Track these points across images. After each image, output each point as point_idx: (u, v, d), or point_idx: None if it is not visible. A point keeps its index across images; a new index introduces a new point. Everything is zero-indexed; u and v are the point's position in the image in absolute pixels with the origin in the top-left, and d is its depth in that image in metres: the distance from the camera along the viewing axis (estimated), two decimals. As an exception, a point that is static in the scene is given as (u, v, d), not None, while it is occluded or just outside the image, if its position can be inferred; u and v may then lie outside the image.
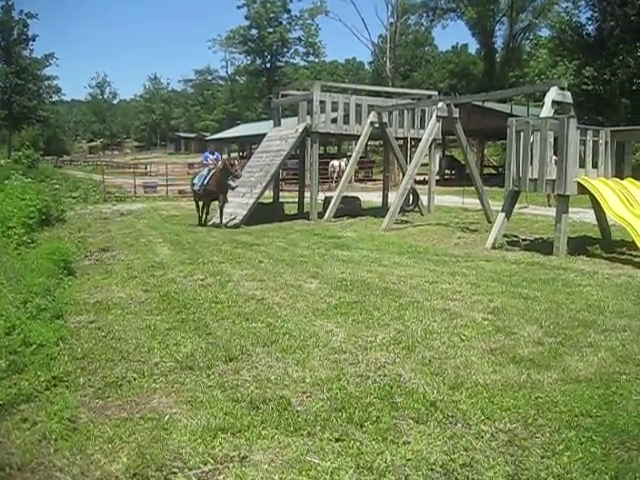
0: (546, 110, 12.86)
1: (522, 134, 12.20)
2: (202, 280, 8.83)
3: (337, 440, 3.90)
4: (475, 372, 5.05)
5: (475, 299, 7.58)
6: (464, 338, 5.96)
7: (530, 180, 12.12)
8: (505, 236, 13.03)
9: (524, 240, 13.05)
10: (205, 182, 17.14)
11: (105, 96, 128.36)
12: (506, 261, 10.72)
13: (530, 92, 20.25)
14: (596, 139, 12.69)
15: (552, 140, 11.97)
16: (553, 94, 12.97)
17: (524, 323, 6.50)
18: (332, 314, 6.90)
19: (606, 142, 12.90)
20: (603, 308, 7.22)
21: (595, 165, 12.74)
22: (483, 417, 4.21)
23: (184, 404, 4.48)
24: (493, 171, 43.09)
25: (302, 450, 3.79)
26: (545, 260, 10.86)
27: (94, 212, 21.40)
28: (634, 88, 32.14)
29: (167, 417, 4.24)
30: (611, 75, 32.10)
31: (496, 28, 67.96)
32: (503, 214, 12.62)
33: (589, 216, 14.61)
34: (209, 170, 17.42)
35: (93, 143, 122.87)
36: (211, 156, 18.40)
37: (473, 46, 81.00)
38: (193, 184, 17.93)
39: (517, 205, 13.78)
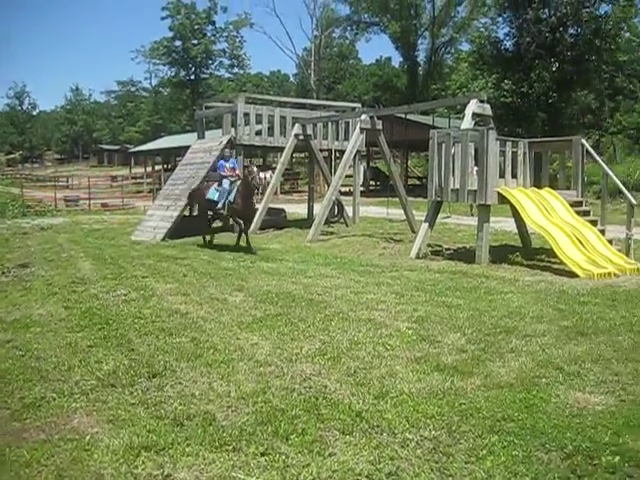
0: (467, 122, 13.16)
1: (444, 146, 12.45)
2: (125, 295, 8.66)
3: (263, 454, 3.86)
4: (400, 381, 5.08)
5: (400, 309, 7.66)
6: (389, 348, 6.00)
7: (452, 190, 12.37)
8: (429, 246, 13.23)
9: (447, 249, 13.29)
10: (232, 198, 14.34)
11: (24, 107, 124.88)
12: (430, 270, 10.88)
13: (451, 104, 20.77)
14: (515, 150, 13.04)
15: (473, 151, 12.24)
16: (473, 106, 13.28)
17: (447, 331, 6.59)
18: (257, 327, 6.86)
19: (524, 153, 13.28)
20: (524, 314, 7.40)
21: (515, 175, 13.09)
22: (408, 425, 4.24)
23: (106, 423, 4.36)
24: (417, 182, 43.72)
25: (227, 466, 3.73)
26: (468, 268, 11.07)
27: (12, 227, 20.75)
28: (550, 101, 33.27)
29: (88, 437, 4.11)
30: (529, 89, 33.13)
31: (419, 42, 69.25)
32: (426, 224, 12.83)
33: (510, 225, 14.95)
34: (231, 182, 14.67)
35: (11, 155, 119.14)
36: (226, 164, 15.45)
37: (397, 59, 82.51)
38: (210, 201, 14.97)
39: (440, 215, 14.02)
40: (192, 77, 79.74)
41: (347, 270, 11.02)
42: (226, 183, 14.70)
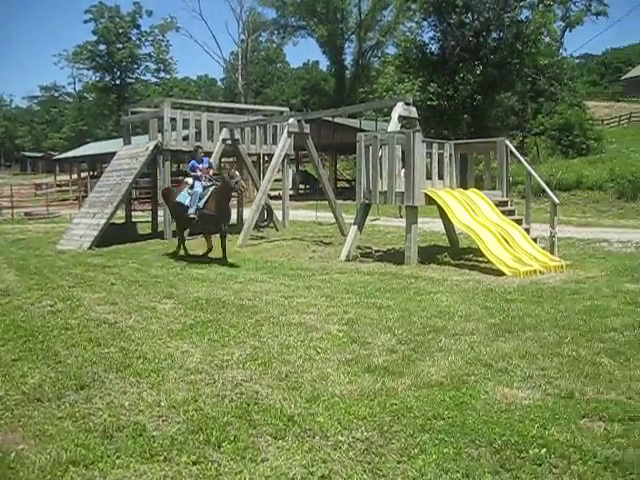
0: (393, 125, 13.32)
1: (371, 148, 12.57)
2: (51, 306, 8.44)
3: (194, 463, 3.81)
4: (331, 384, 5.09)
5: (330, 311, 7.69)
6: (320, 351, 6.01)
7: (380, 193, 12.49)
8: (359, 248, 13.32)
9: (377, 251, 13.41)
10: (202, 204, 13.07)
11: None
12: (360, 272, 10.96)
13: (378, 107, 20.92)
14: (441, 152, 13.25)
15: (400, 153, 12.39)
16: (399, 109, 13.45)
17: (378, 332, 6.64)
18: (187, 334, 6.78)
19: (450, 155, 13.51)
20: (453, 313, 7.52)
21: (441, 177, 13.30)
22: (340, 428, 4.24)
23: (32, 439, 4.22)
24: (347, 185, 43.99)
25: (159, 476, 3.67)
26: (397, 270, 11.19)
27: None
28: (475, 104, 33.98)
29: (13, 454, 3.97)
30: (454, 91, 33.77)
31: (346, 46, 69.93)
32: (355, 227, 12.92)
33: (438, 225, 15.18)
34: (204, 187, 13.41)
35: None
36: (200, 165, 14.11)
37: (324, 63, 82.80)
38: (180, 204, 13.61)
39: (369, 217, 14.13)
40: (117, 82, 78.60)
41: (277, 274, 11.01)
42: (198, 186, 13.45)
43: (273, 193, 23.43)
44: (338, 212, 17.48)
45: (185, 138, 19.51)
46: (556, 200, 12.66)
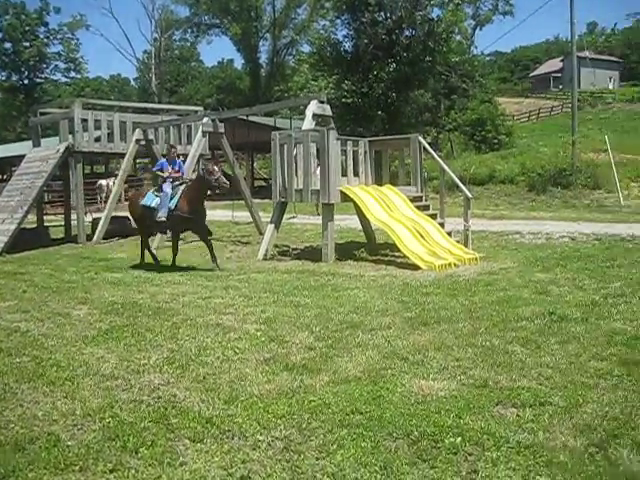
0: (307, 123, 13.35)
1: (285, 147, 12.59)
2: (-43, 317, 8.12)
3: (111, 471, 3.73)
4: (250, 384, 5.08)
5: (248, 311, 7.67)
6: (238, 351, 5.99)
7: (296, 191, 12.53)
8: (276, 246, 13.33)
9: (295, 249, 13.45)
10: (173, 205, 11.86)
11: None
12: (278, 271, 10.96)
13: (293, 105, 20.98)
14: (356, 149, 13.38)
15: (315, 151, 12.44)
16: (314, 107, 13.49)
17: (296, 330, 6.66)
18: (103, 340, 6.64)
19: (365, 152, 13.65)
20: (370, 309, 7.61)
21: (357, 173, 13.42)
22: (259, 427, 4.24)
23: (-61, 456, 4.06)
24: (264, 183, 43.89)
25: (74, 487, 3.59)
26: (315, 267, 11.25)
27: None
28: (389, 101, 34.38)
29: None
30: (368, 89, 34.04)
31: (260, 44, 69.81)
32: (272, 225, 12.92)
33: (355, 222, 15.28)
34: (173, 187, 12.22)
35: None
36: (169, 167, 12.82)
37: (239, 61, 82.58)
38: (145, 207, 12.33)
39: (286, 215, 14.15)
40: (25, 82, 76.13)
41: (194, 276, 10.91)
42: (167, 187, 12.20)
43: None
44: (255, 211, 17.43)
45: (97, 139, 19.09)
46: (469, 194, 12.97)
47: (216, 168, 12.02)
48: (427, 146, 13.70)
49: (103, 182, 33.45)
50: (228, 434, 4.17)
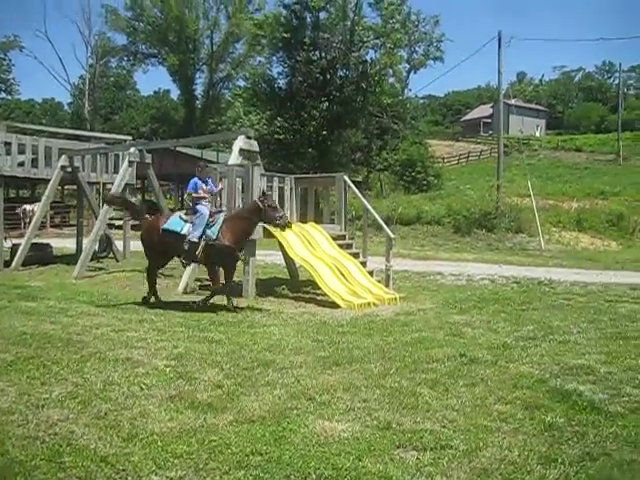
0: (234, 158, 13.32)
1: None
2: None
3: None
4: (152, 421, 4.97)
5: (160, 346, 7.53)
6: (144, 387, 5.86)
7: (220, 225, 12.44)
8: (198, 280, 13.19)
9: (217, 283, 13.30)
10: (214, 234, 10.57)
11: None
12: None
13: (220, 140, 20.99)
14: (282, 185, 13.42)
15: (240, 186, 12.42)
16: (241, 142, 13.47)
17: (206, 367, 6.57)
18: (5, 372, 6.38)
19: (291, 188, 13.71)
20: (283, 347, 7.57)
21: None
22: (155, 467, 4.14)
23: None
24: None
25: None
26: (234, 302, 11.13)
27: None
28: (320, 139, 34.80)
29: None
30: (300, 126, 34.43)
31: (197, 76, 69.98)
32: (194, 259, 12.79)
33: (281, 258, 15.28)
34: (211, 212, 10.95)
35: None
36: (203, 185, 11.36)
37: (175, 92, 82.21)
38: (170, 232, 10.89)
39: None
40: (-47, 100, 74.36)
41: (111, 307, 10.68)
42: (204, 207, 10.92)
43: (118, 222, 22.79)
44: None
45: (21, 164, 18.65)
46: (391, 234, 13.15)
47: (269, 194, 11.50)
48: (352, 185, 13.84)
49: (28, 207, 32.58)
50: (122, 474, 4.06)
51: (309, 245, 12.23)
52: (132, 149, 16.24)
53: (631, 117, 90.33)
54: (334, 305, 10.84)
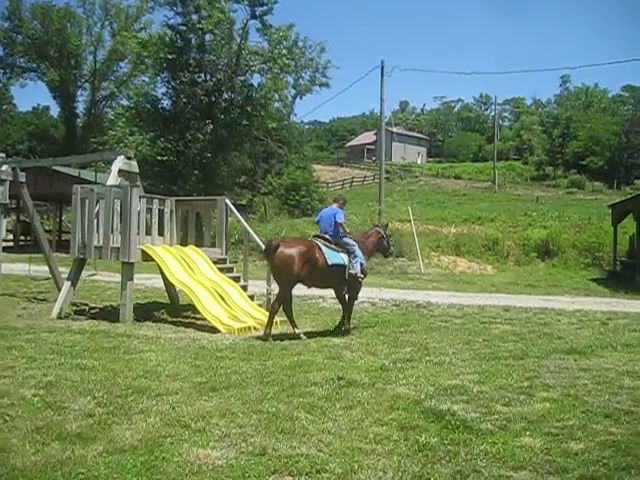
0: (112, 178, 13.01)
1: (87, 201, 12.18)
2: None
3: None
4: (13, 455, 4.70)
5: (29, 374, 7.17)
6: (8, 419, 5.55)
7: (96, 247, 12.10)
8: (74, 305, 12.76)
9: (93, 308, 12.94)
10: (365, 263, 11.22)
11: None
12: (70, 331, 10.40)
13: (98, 160, 20.45)
14: (162, 208, 13.21)
15: (118, 208, 12.13)
16: (120, 163, 13.18)
17: (77, 396, 6.31)
18: None
19: (172, 211, 13.50)
20: (160, 373, 7.39)
21: (162, 233, 13.22)
22: (15, 505, 3.94)
23: None
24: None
25: None
26: (111, 328, 10.82)
27: None
28: (204, 161, 34.56)
29: None
30: (184, 148, 34.07)
31: (78, 93, 68.21)
32: (69, 282, 12.36)
33: (162, 282, 14.99)
34: (347, 239, 11.01)
35: None
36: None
37: (55, 109, 79.82)
38: (336, 266, 10.72)
39: (87, 272, 13.62)
40: None
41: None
42: (351, 241, 11.03)
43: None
44: (54, 266, 16.56)
45: None
46: (270, 259, 13.12)
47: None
48: (233, 209, 13.77)
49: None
50: (-22, 514, 3.84)
51: (189, 269, 12.06)
52: (4, 167, 15.53)
53: (506, 147, 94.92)
54: (214, 330, 10.71)
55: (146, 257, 11.99)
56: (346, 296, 11.29)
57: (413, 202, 41.50)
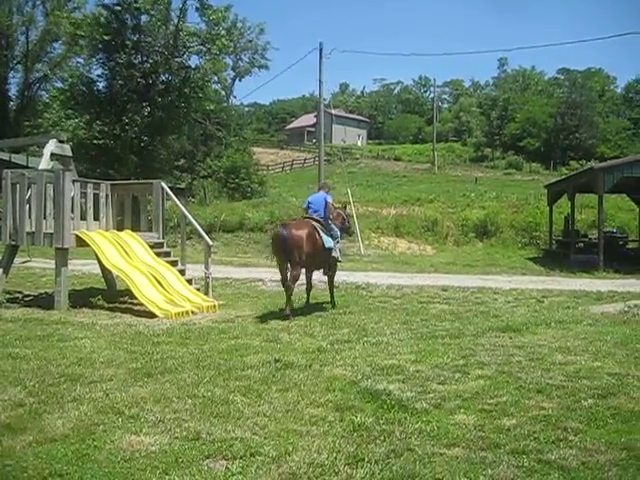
0: (44, 163, 12.71)
1: (18, 186, 11.88)
2: None
3: None
4: (-62, 448, 4.60)
5: (-44, 365, 7.01)
6: None
7: (28, 233, 11.82)
8: (7, 292, 12.47)
9: (27, 296, 12.66)
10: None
11: None
12: (2, 319, 10.13)
13: (29, 144, 19.91)
14: (97, 192, 12.98)
15: (51, 193, 11.87)
16: (52, 146, 12.89)
17: (7, 385, 6.17)
18: None
19: (107, 195, 13.28)
20: (94, 360, 7.29)
21: (97, 217, 13.00)
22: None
23: None
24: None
25: None
26: (45, 315, 10.61)
27: None
28: (142, 145, 34.00)
29: None
30: (121, 131, 33.44)
31: (10, 75, 66.10)
32: (0, 270, 12.07)
33: (98, 267, 14.75)
34: (327, 219, 11.84)
35: None
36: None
37: (-15, 92, 77.35)
38: (327, 249, 11.54)
39: (20, 259, 13.32)
40: None
41: None
42: (335, 228, 12.03)
43: None
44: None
45: None
46: (209, 242, 13.06)
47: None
48: (170, 192, 13.60)
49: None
50: None
51: (124, 253, 11.88)
52: None
53: (445, 129, 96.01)
54: (151, 315, 10.58)
55: (81, 243, 11.77)
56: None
57: (353, 184, 41.71)
